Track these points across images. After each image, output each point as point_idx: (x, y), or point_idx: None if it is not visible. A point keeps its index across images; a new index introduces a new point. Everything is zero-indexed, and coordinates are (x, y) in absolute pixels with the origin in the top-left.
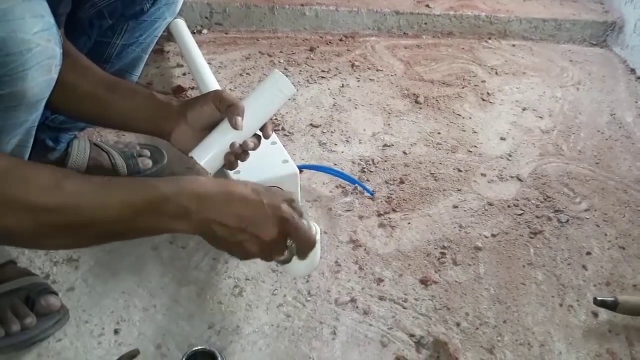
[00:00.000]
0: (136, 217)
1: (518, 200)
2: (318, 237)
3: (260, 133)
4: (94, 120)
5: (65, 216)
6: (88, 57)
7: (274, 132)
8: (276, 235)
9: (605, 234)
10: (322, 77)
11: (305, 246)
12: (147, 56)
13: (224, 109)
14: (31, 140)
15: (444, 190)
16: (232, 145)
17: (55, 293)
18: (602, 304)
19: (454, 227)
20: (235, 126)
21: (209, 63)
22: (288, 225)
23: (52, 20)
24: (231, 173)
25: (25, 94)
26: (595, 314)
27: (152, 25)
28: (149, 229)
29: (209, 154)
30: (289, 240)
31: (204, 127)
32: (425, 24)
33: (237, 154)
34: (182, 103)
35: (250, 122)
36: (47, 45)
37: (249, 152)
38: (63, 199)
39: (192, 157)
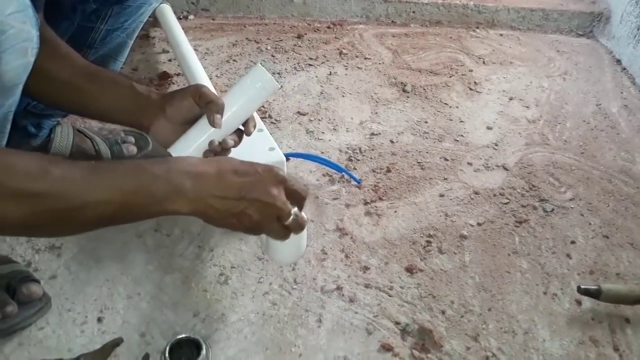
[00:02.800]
0: (128, 199)
1: (504, 189)
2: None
3: (242, 128)
4: (72, 109)
5: (53, 202)
6: (71, 42)
7: (260, 120)
8: (277, 194)
9: (590, 223)
10: (310, 65)
11: (302, 201)
12: (132, 42)
13: (203, 105)
14: (8, 126)
15: (431, 179)
16: (210, 143)
17: (37, 281)
18: (586, 292)
19: (440, 216)
20: (213, 124)
21: (195, 49)
22: (286, 182)
23: (27, 1)
24: None
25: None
26: (579, 302)
27: (138, 10)
28: (143, 212)
29: (186, 152)
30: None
31: (183, 122)
32: (414, 12)
33: (216, 152)
34: (162, 96)
35: (230, 119)
36: (22, 28)
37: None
38: (50, 185)
39: (170, 154)
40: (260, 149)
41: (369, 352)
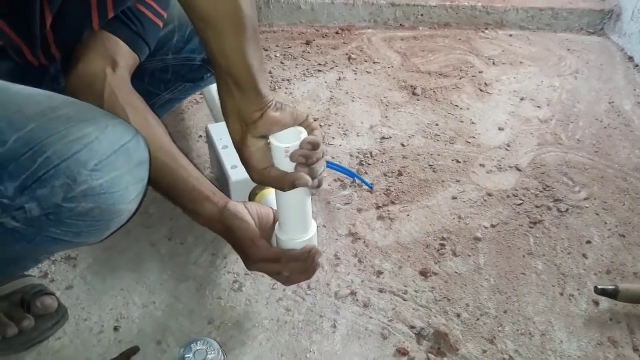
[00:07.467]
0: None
1: (517, 190)
2: (315, 231)
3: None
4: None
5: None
6: None
7: None
8: None
9: (605, 223)
10: (319, 71)
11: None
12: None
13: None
14: None
15: (443, 181)
16: None
17: (51, 294)
18: (603, 292)
19: (454, 219)
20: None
21: None
22: None
23: (147, 174)
24: (229, 167)
25: (97, 241)
26: (597, 303)
27: (201, 88)
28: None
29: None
30: None
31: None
32: (422, 15)
33: None
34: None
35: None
36: (133, 208)
37: None
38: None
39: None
40: None
41: (385, 357)
